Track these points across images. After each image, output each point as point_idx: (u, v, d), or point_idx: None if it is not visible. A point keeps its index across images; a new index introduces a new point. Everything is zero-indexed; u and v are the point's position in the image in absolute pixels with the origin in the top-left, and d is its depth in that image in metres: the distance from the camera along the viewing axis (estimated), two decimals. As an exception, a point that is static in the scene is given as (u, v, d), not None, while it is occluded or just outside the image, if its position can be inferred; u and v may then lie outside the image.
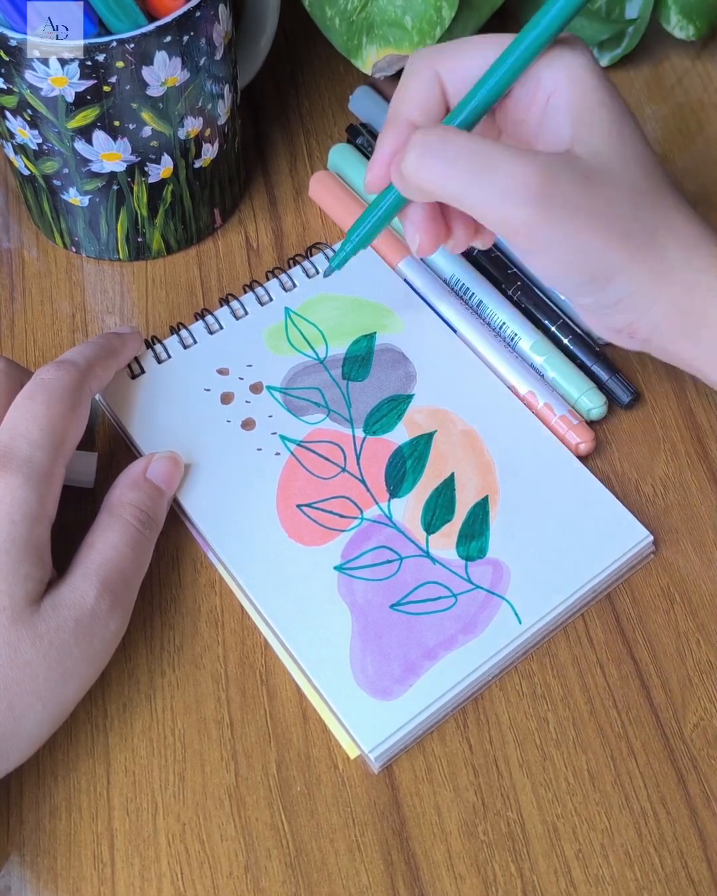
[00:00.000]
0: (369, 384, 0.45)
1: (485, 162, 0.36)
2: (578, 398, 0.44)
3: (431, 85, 0.39)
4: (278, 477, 0.43)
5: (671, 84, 0.57)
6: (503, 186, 0.36)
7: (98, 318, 0.48)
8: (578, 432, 0.44)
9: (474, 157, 0.36)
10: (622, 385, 0.45)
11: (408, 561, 0.41)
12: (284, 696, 0.39)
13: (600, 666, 0.40)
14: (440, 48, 0.39)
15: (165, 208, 0.48)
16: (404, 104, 0.39)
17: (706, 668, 0.40)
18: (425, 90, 0.39)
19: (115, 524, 0.38)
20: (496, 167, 0.36)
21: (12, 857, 0.36)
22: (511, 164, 0.36)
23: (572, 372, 0.45)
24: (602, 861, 0.37)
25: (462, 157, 0.36)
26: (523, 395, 0.45)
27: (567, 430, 0.44)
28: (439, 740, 0.39)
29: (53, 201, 0.47)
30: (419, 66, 0.39)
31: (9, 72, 0.41)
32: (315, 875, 0.36)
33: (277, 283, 0.47)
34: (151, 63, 0.41)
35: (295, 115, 0.55)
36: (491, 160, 0.36)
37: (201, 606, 0.41)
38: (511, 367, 0.45)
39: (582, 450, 0.44)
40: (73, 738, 0.38)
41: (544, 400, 0.44)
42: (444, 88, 0.39)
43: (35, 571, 0.35)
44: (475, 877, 0.36)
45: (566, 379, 0.45)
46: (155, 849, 0.37)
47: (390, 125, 0.40)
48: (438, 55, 0.39)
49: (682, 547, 0.43)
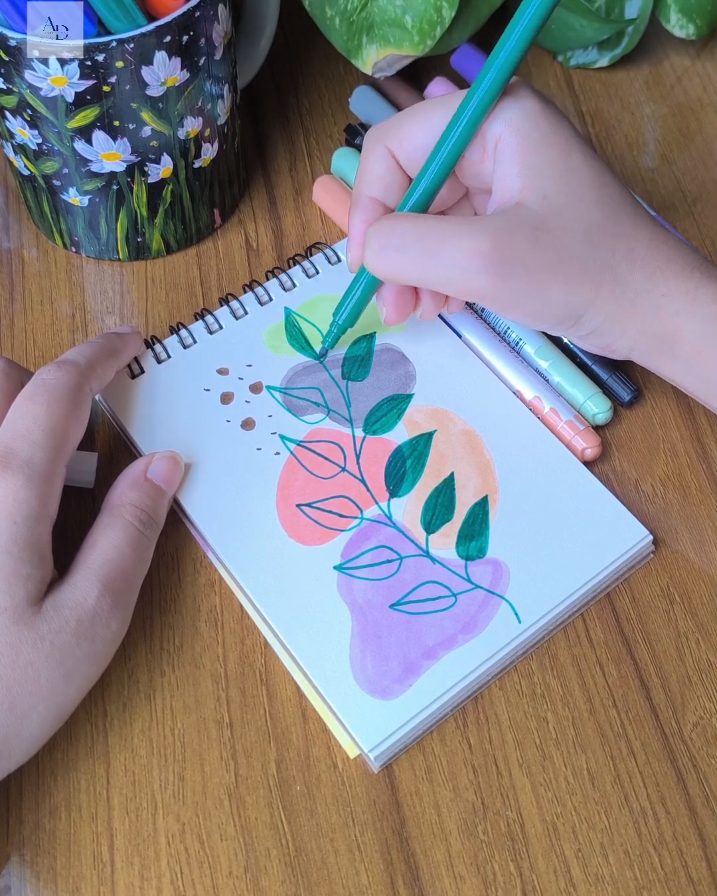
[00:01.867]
0: (369, 384, 0.45)
1: (434, 243, 0.38)
2: (583, 403, 0.44)
3: (385, 162, 0.40)
4: (278, 477, 0.43)
5: (671, 83, 0.57)
6: (457, 262, 0.37)
7: (98, 318, 0.48)
8: (584, 437, 0.43)
9: (423, 241, 0.38)
10: (623, 383, 0.45)
11: (408, 561, 0.41)
12: (284, 695, 0.39)
13: (599, 665, 0.40)
14: (387, 124, 0.41)
15: (164, 208, 0.48)
16: (364, 183, 0.41)
17: (706, 668, 0.40)
18: (381, 167, 0.41)
19: (116, 524, 0.38)
20: (446, 246, 0.37)
21: (12, 857, 0.36)
22: (460, 239, 0.37)
23: (578, 377, 0.45)
24: (602, 860, 0.37)
25: (412, 244, 0.38)
26: (529, 400, 0.44)
27: (574, 435, 0.44)
28: (439, 740, 0.39)
29: (53, 201, 0.47)
30: (371, 144, 0.41)
31: (9, 72, 0.41)
32: (315, 875, 0.36)
33: (276, 283, 0.47)
34: (150, 63, 0.41)
35: (295, 115, 0.55)
36: (439, 240, 0.38)
37: (201, 606, 0.41)
38: (517, 373, 0.45)
39: (589, 455, 0.43)
40: (73, 737, 0.38)
41: (549, 405, 0.44)
42: (398, 162, 0.40)
43: (36, 572, 0.35)
44: (475, 876, 0.36)
45: (572, 384, 0.45)
46: (155, 848, 0.37)
47: (354, 207, 0.41)
48: (385, 132, 0.40)
49: (681, 546, 0.43)
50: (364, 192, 0.41)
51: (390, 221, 0.39)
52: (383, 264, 0.39)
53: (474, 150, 0.39)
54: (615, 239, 0.38)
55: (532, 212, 0.38)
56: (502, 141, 0.38)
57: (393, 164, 0.40)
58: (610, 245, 0.38)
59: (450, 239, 0.37)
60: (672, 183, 0.53)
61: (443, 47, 0.51)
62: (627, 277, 0.38)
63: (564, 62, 0.57)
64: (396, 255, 0.38)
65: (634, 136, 0.55)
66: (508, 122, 0.38)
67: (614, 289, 0.38)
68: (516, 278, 0.37)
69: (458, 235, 0.37)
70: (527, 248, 0.37)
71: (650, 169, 0.54)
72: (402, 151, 0.40)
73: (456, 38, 0.51)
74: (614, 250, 0.38)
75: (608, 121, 0.56)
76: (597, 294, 0.38)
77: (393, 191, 0.41)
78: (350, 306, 0.43)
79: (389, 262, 0.39)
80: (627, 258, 0.38)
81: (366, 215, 0.41)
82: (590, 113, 0.56)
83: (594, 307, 0.38)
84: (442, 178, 0.40)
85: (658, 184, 0.53)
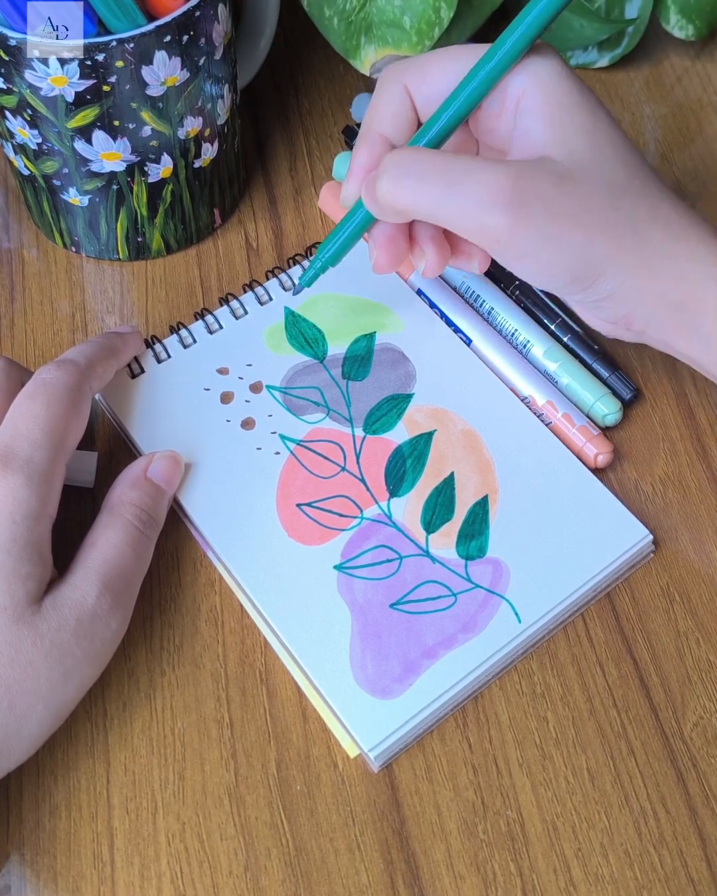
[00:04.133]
0: (369, 383, 0.45)
1: (455, 174, 0.36)
2: (593, 404, 0.44)
3: (401, 99, 0.39)
4: (278, 476, 0.43)
5: (671, 84, 0.57)
6: (476, 195, 0.36)
7: (98, 317, 0.49)
8: (596, 444, 0.43)
9: (444, 171, 0.37)
10: (623, 381, 0.45)
11: (408, 560, 0.41)
12: (284, 695, 0.39)
13: (599, 665, 0.40)
14: (409, 62, 0.40)
15: (164, 208, 0.48)
16: (375, 119, 0.40)
17: (706, 667, 0.40)
18: (395, 105, 0.40)
19: (116, 523, 0.38)
20: (467, 177, 0.36)
21: (12, 857, 0.36)
22: (482, 173, 0.36)
23: (587, 378, 0.45)
24: (602, 860, 0.37)
25: (432, 173, 0.37)
26: (541, 405, 0.44)
27: (585, 441, 0.43)
28: (439, 739, 0.39)
29: (53, 201, 0.47)
30: (389, 80, 0.40)
31: (8, 71, 0.41)
32: (315, 874, 0.36)
33: (276, 283, 0.47)
34: (150, 63, 0.41)
35: (295, 115, 0.56)
36: (461, 171, 0.36)
37: (201, 606, 0.41)
38: (528, 378, 0.45)
39: (601, 462, 0.43)
40: (73, 737, 0.38)
41: (563, 410, 0.44)
42: (413, 102, 0.39)
43: (36, 571, 0.35)
44: (475, 876, 0.36)
45: (581, 385, 0.45)
46: (155, 848, 0.37)
47: (362, 140, 0.40)
48: (406, 69, 0.39)
49: (681, 546, 0.43)
50: (374, 128, 0.40)
51: (409, 151, 0.38)
52: (398, 192, 0.37)
53: (493, 102, 0.38)
54: (639, 199, 0.37)
55: (557, 163, 0.36)
56: (527, 96, 0.37)
57: (408, 102, 0.39)
58: (633, 203, 0.37)
59: (472, 172, 0.36)
60: (672, 183, 0.53)
61: (443, 47, 0.51)
62: (649, 236, 0.37)
63: (564, 62, 0.57)
64: (414, 183, 0.37)
65: (634, 136, 0.55)
66: (534, 77, 0.37)
67: (634, 246, 0.37)
68: (535, 220, 0.36)
69: (481, 170, 0.36)
70: (550, 192, 0.36)
71: (649, 169, 0.54)
72: (419, 92, 0.39)
73: (455, 38, 0.52)
74: (637, 208, 0.37)
75: (607, 121, 0.56)
76: (618, 250, 0.37)
77: (404, 130, 0.40)
78: (338, 243, 0.41)
79: (406, 192, 0.37)
80: (650, 217, 0.37)
81: (373, 150, 0.40)
82: (590, 113, 0.56)
83: (614, 265, 0.37)
84: (456, 122, 0.38)
85: (658, 184, 0.53)
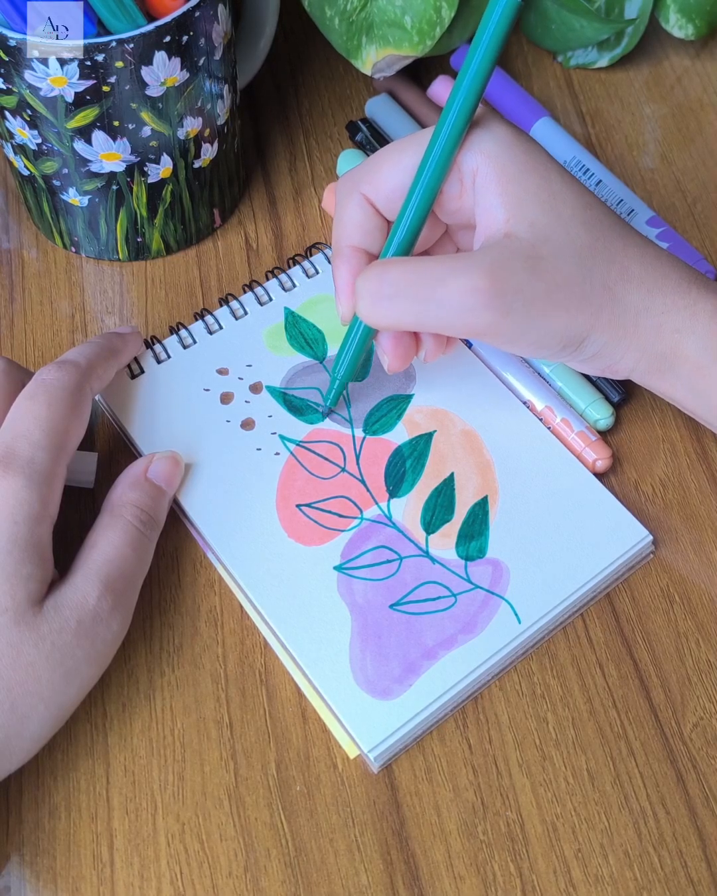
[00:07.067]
0: (369, 384, 0.45)
1: (429, 286, 0.36)
2: (585, 408, 0.44)
3: (362, 209, 0.39)
4: (278, 477, 0.43)
5: (671, 84, 0.57)
6: (457, 303, 0.36)
7: (98, 318, 0.48)
8: (595, 449, 0.43)
9: (416, 286, 0.37)
10: (612, 384, 0.45)
11: (408, 561, 0.41)
12: (284, 695, 0.39)
13: (599, 666, 0.40)
14: (358, 170, 0.40)
15: (164, 208, 0.48)
16: (343, 234, 0.40)
17: (706, 668, 0.40)
18: (359, 216, 0.39)
19: (116, 524, 0.38)
20: (442, 286, 0.36)
21: (12, 857, 0.36)
22: (455, 278, 0.36)
23: (579, 383, 0.45)
24: (602, 861, 0.37)
25: (406, 289, 0.37)
26: (540, 410, 0.44)
27: (584, 447, 0.43)
28: (439, 740, 0.39)
29: (53, 201, 0.47)
30: (345, 193, 0.40)
31: (8, 72, 0.41)
32: (314, 875, 0.36)
33: (276, 283, 0.47)
34: (150, 63, 0.41)
35: (295, 115, 0.55)
36: (435, 280, 0.36)
37: (201, 606, 0.41)
38: (528, 383, 0.45)
39: (600, 467, 0.43)
40: (73, 737, 0.38)
41: (561, 416, 0.44)
42: (375, 207, 0.39)
43: (37, 572, 0.35)
44: (475, 876, 0.36)
45: (573, 390, 0.45)
46: (154, 849, 0.37)
47: (337, 258, 0.40)
48: (359, 179, 0.39)
49: (681, 547, 0.43)
50: (345, 242, 0.40)
51: (378, 269, 0.37)
52: (378, 315, 0.37)
53: (451, 185, 0.38)
54: (607, 260, 0.37)
55: (522, 241, 0.37)
56: (480, 173, 0.37)
57: (370, 209, 0.39)
58: (604, 267, 0.37)
59: (445, 279, 0.36)
60: (672, 183, 0.53)
61: (443, 47, 0.51)
62: (624, 297, 0.38)
63: (564, 62, 0.57)
64: (390, 303, 0.37)
65: (634, 137, 0.55)
66: (482, 153, 0.37)
67: (613, 310, 0.37)
68: (516, 310, 0.36)
69: (452, 275, 0.36)
70: (524, 279, 0.36)
71: (649, 169, 0.54)
72: (378, 196, 0.39)
73: (456, 38, 0.51)
74: (608, 271, 0.37)
75: (607, 121, 0.56)
76: (597, 317, 0.37)
77: (375, 237, 0.40)
78: (348, 360, 0.42)
79: (384, 312, 0.37)
80: (622, 278, 0.38)
81: (351, 266, 0.39)
82: (590, 113, 0.56)
83: (596, 330, 0.38)
84: (422, 218, 0.38)
85: (658, 184, 0.53)
